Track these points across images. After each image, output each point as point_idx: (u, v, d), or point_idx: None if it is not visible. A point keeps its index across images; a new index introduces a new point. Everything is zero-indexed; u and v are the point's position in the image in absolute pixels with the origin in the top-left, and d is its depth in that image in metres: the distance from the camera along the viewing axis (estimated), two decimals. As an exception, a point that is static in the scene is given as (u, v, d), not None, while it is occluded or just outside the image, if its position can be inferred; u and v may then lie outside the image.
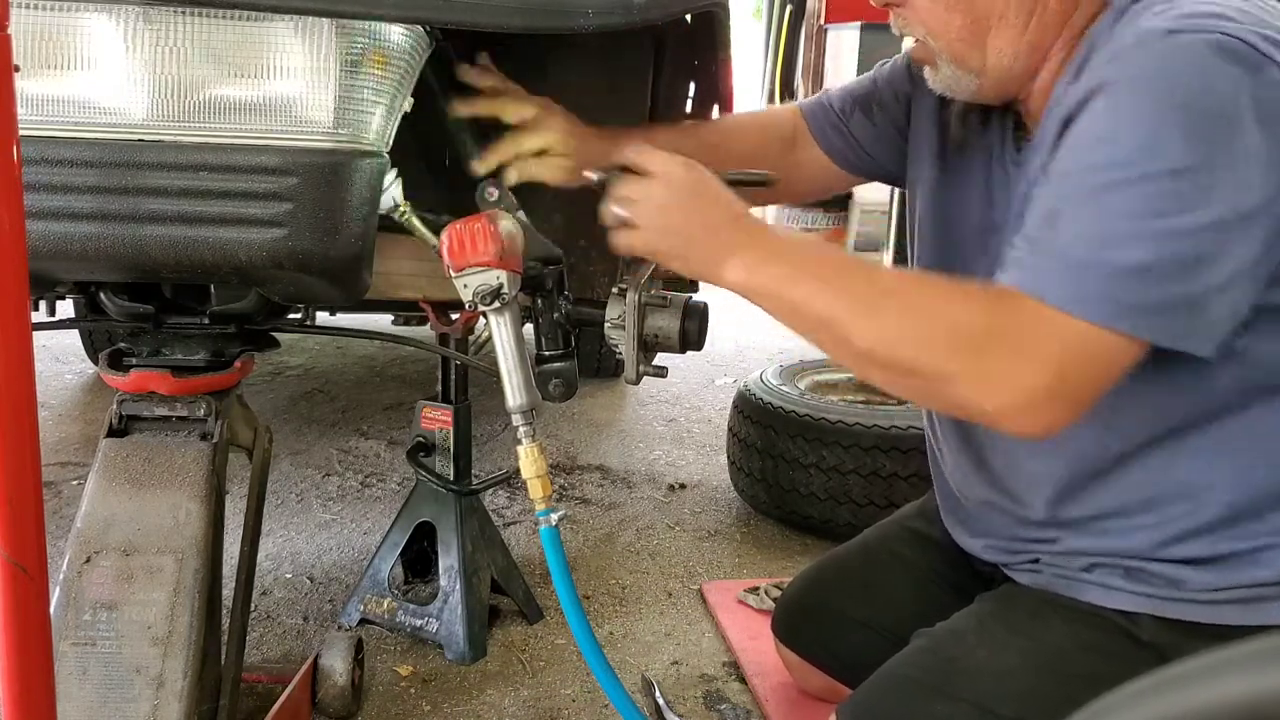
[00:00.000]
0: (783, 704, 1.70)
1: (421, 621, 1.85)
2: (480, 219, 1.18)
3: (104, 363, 1.36)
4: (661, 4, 1.13)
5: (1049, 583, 1.23)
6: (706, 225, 1.11)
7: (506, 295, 1.17)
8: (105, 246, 1.08)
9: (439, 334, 1.83)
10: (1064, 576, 1.21)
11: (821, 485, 2.27)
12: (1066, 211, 0.97)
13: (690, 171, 1.13)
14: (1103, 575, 1.18)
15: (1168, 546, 1.12)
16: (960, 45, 1.10)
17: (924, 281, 1.09)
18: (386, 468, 2.76)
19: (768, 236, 1.11)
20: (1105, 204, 0.94)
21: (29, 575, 0.83)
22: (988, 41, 1.09)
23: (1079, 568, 1.20)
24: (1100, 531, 1.17)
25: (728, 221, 1.11)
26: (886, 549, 1.55)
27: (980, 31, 1.09)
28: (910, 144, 1.36)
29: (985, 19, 1.08)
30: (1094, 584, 1.18)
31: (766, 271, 1.08)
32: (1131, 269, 0.93)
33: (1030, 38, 1.08)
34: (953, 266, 1.24)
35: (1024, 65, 1.10)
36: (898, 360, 1.01)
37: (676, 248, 1.12)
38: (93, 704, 1.20)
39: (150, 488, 1.29)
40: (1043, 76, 1.11)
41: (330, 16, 1.04)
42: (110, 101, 1.07)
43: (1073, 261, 0.95)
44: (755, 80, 7.47)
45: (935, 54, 1.13)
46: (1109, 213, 0.94)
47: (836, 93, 1.45)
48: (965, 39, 1.09)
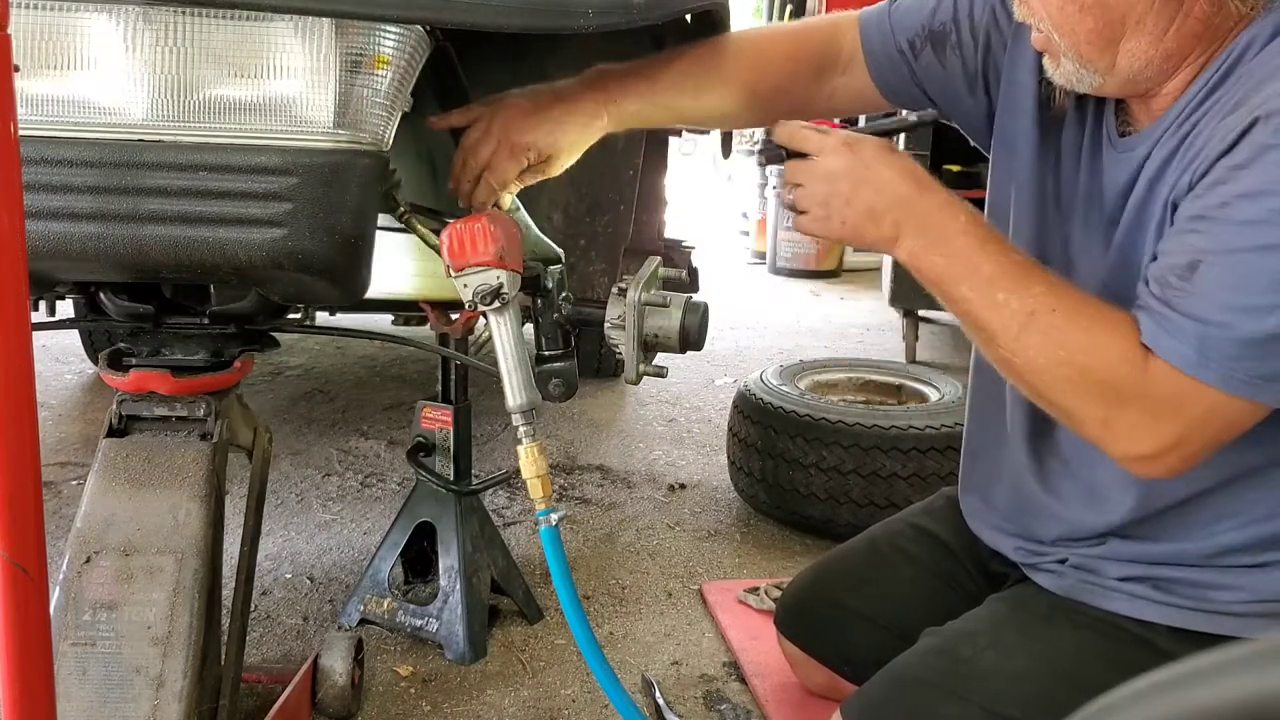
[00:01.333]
0: (783, 704, 1.70)
1: (421, 621, 1.85)
2: (480, 219, 1.18)
3: (104, 363, 1.36)
4: (661, 4, 1.13)
5: (1071, 587, 1.22)
6: (871, 211, 1.10)
7: (506, 295, 1.17)
8: (105, 246, 1.08)
9: (439, 334, 1.83)
10: (1090, 582, 1.20)
11: (821, 485, 2.27)
12: (1209, 264, 0.95)
13: (846, 153, 1.11)
14: (1133, 585, 1.17)
15: (1212, 558, 1.13)
16: (1089, 48, 1.05)
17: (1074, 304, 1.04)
18: (386, 468, 2.76)
19: (935, 217, 1.08)
20: (1252, 265, 0.92)
21: (29, 575, 0.83)
22: (1120, 45, 1.03)
23: (1113, 575, 1.19)
24: (1151, 540, 1.17)
25: (893, 204, 1.09)
26: (893, 546, 1.54)
27: (1113, 36, 1.03)
28: (1001, 95, 1.26)
29: (1120, 23, 1.02)
30: (1121, 593, 1.18)
31: (929, 260, 1.08)
32: (1259, 340, 0.93)
33: (1168, 45, 1.03)
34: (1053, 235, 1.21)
35: (1156, 70, 1.05)
36: (1037, 388, 1.05)
37: (846, 235, 1.13)
38: (93, 704, 1.20)
39: (150, 488, 1.29)
40: (1175, 83, 1.06)
41: (330, 16, 1.04)
42: (110, 101, 1.06)
43: (1205, 322, 0.95)
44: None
45: (1060, 49, 1.08)
46: (1253, 275, 0.92)
47: (903, 15, 1.30)
48: (1095, 42, 1.04)
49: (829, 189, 1.11)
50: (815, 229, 1.14)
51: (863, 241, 1.12)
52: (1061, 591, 1.23)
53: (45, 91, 1.06)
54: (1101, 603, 1.18)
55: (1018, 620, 1.23)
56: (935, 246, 1.08)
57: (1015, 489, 1.30)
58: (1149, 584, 1.16)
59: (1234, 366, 0.94)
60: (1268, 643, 0.37)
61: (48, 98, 1.06)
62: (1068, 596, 1.22)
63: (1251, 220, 0.92)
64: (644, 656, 1.88)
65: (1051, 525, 1.25)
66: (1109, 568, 1.19)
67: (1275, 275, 0.91)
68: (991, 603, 1.29)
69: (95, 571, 1.25)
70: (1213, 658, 0.37)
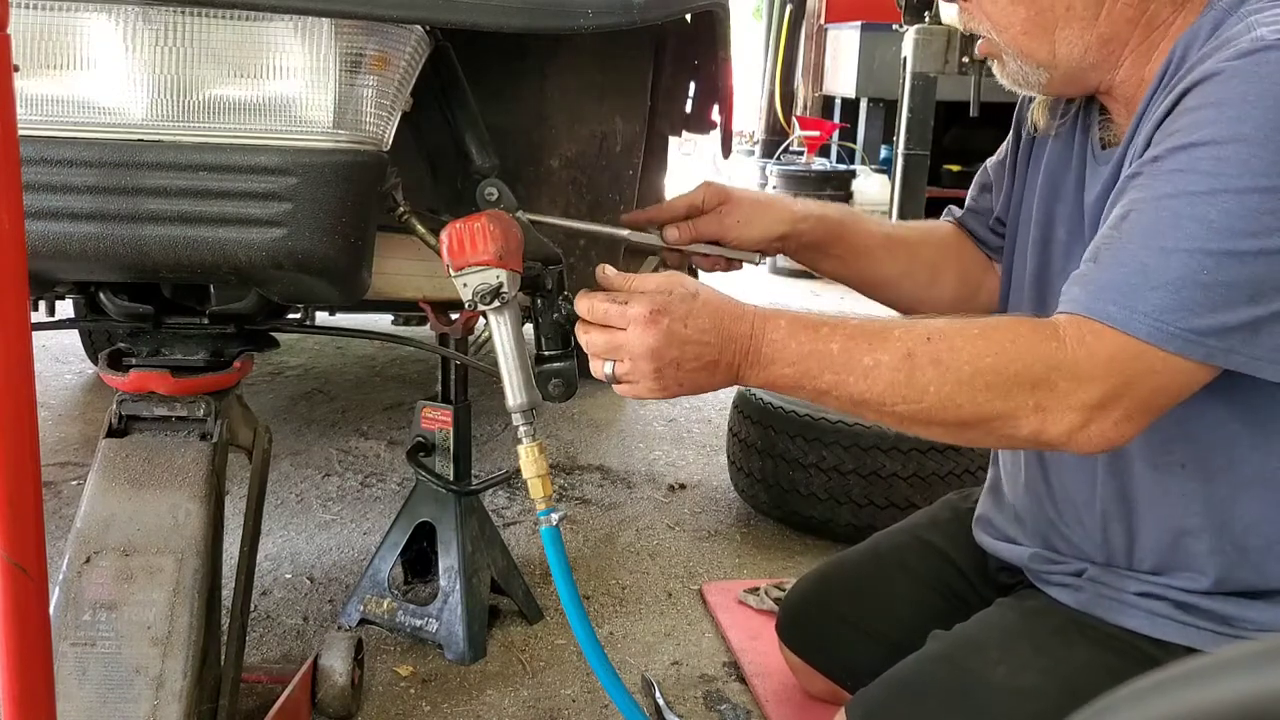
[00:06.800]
0: (783, 704, 1.70)
1: (421, 621, 1.85)
2: (479, 218, 1.17)
3: (104, 363, 1.36)
4: (661, 4, 1.13)
5: (1087, 601, 1.19)
6: (704, 365, 1.06)
7: (506, 295, 1.17)
8: (105, 246, 1.08)
9: (439, 334, 1.83)
10: (1108, 597, 1.17)
11: (821, 485, 2.27)
12: (1137, 213, 0.95)
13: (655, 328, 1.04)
14: (1154, 604, 1.14)
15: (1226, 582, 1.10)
16: (1025, 38, 1.08)
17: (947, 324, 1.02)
18: (386, 468, 2.76)
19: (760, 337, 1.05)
20: (1176, 209, 0.92)
21: (29, 575, 0.83)
22: (1056, 34, 1.07)
23: (1132, 591, 1.15)
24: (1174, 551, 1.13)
25: (721, 349, 1.06)
26: (898, 559, 1.52)
27: (1046, 24, 1.07)
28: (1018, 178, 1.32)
29: (1051, 10, 1.06)
30: (1141, 610, 1.14)
31: (778, 374, 1.05)
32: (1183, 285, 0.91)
33: (1102, 30, 1.06)
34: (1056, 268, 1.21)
35: (1096, 58, 1.08)
36: (961, 418, 0.99)
37: (686, 392, 1.09)
38: (92, 704, 1.20)
39: (150, 488, 1.29)
40: (1125, 70, 1.08)
41: (330, 16, 1.04)
42: (110, 101, 1.06)
43: (1127, 267, 0.94)
44: (755, 80, 7.48)
45: (1001, 49, 1.11)
46: (1176, 219, 0.92)
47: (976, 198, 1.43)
48: (1030, 31, 1.08)
49: (656, 364, 1.05)
50: (651, 396, 1.09)
51: (705, 390, 1.10)
52: (1077, 605, 1.20)
53: (45, 91, 1.06)
54: (1118, 618, 1.15)
55: (1029, 633, 1.20)
56: (775, 361, 1.05)
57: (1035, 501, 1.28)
58: (1170, 604, 1.13)
59: (1164, 318, 0.92)
60: (1267, 643, 0.37)
61: (48, 98, 1.06)
62: (1083, 611, 1.19)
63: (1179, 169, 0.93)
64: (644, 656, 1.88)
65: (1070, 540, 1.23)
66: (1128, 583, 1.16)
67: (1198, 220, 0.91)
68: (1002, 609, 1.26)
69: (95, 571, 1.25)
70: (1212, 658, 0.37)
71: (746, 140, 8.11)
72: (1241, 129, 0.91)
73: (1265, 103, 0.91)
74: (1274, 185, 0.90)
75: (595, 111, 1.48)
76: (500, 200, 1.28)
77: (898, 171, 4.20)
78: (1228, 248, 0.91)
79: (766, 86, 7.22)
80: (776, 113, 7.08)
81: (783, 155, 6.37)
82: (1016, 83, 1.14)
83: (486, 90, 1.35)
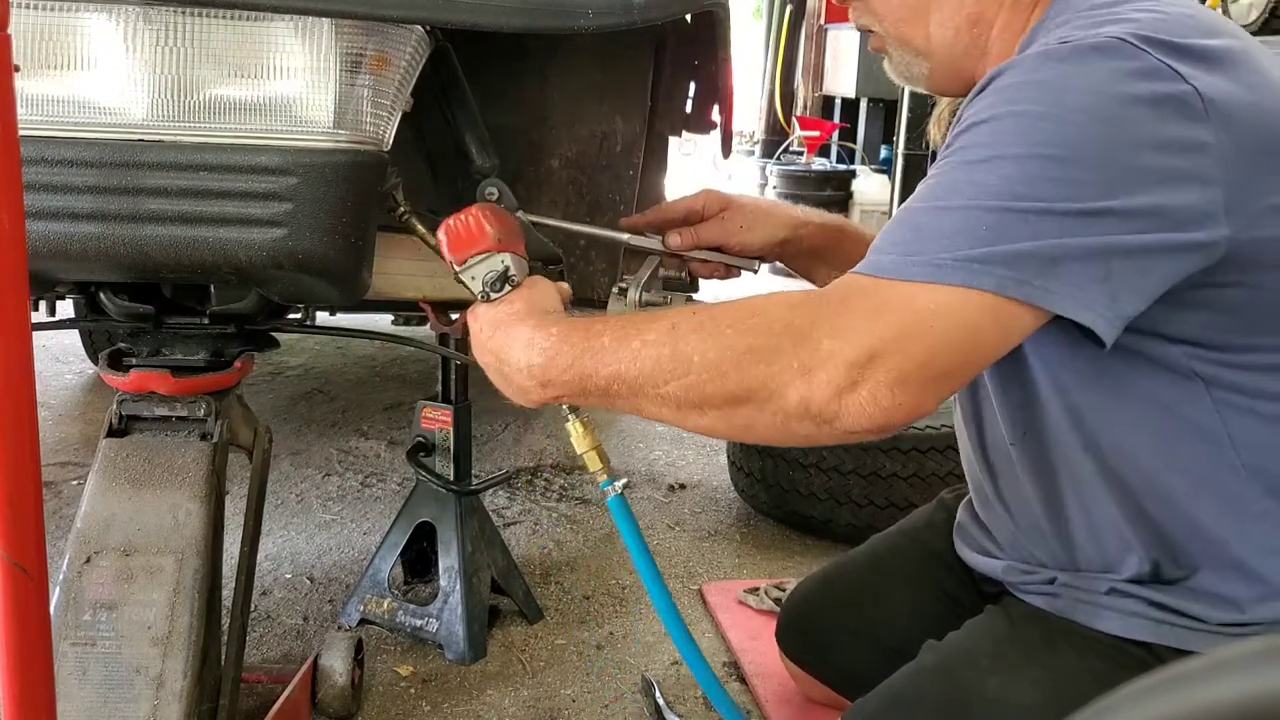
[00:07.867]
0: (783, 705, 1.70)
1: (421, 621, 1.85)
2: (470, 209, 1.16)
3: (104, 363, 1.36)
4: (661, 4, 1.13)
5: (1065, 607, 1.17)
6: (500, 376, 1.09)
7: (515, 278, 1.13)
8: (105, 246, 1.08)
9: (439, 334, 1.83)
10: (1083, 601, 1.15)
11: (821, 485, 2.27)
12: (923, 183, 0.95)
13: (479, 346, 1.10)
14: (1122, 601, 1.12)
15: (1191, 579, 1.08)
16: (903, 25, 1.11)
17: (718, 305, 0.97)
18: (386, 468, 2.76)
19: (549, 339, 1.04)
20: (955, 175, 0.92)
21: (29, 575, 0.83)
22: (929, 17, 1.09)
23: (1103, 591, 1.13)
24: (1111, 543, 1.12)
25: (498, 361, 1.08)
26: (896, 567, 1.51)
27: (920, 8, 1.09)
28: None
29: None
30: (1115, 612, 1.12)
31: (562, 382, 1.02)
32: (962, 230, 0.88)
33: (970, 9, 1.07)
34: None
35: (968, 39, 1.09)
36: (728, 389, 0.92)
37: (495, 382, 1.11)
38: (93, 704, 1.20)
39: (150, 488, 1.29)
40: (991, 59, 1.08)
41: (330, 16, 1.04)
42: (110, 101, 1.07)
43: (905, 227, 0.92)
44: (755, 80, 7.48)
45: (885, 40, 1.13)
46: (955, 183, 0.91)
47: None
48: (906, 18, 1.10)
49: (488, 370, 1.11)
50: None
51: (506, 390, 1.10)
52: (1055, 611, 1.18)
53: (45, 91, 1.06)
54: (1096, 622, 1.13)
55: (1020, 641, 1.19)
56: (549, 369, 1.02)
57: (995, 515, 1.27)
58: (1142, 601, 1.11)
59: (940, 256, 0.87)
60: (1267, 643, 0.37)
61: (48, 98, 1.06)
62: (1062, 616, 1.17)
63: (962, 147, 0.93)
64: (644, 656, 1.88)
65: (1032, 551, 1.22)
66: (1097, 584, 1.14)
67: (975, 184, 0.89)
68: (993, 616, 1.25)
69: (95, 571, 1.25)
70: (1212, 658, 0.38)
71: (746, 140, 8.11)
72: (1022, 105, 0.90)
73: (1046, 83, 0.90)
74: (1057, 155, 0.87)
75: (595, 112, 1.48)
76: (501, 200, 1.28)
77: (898, 171, 4.20)
78: (1006, 205, 0.87)
79: (766, 86, 7.22)
80: (776, 113, 7.08)
81: (783, 155, 6.37)
82: (902, 76, 1.16)
83: (487, 90, 1.35)
